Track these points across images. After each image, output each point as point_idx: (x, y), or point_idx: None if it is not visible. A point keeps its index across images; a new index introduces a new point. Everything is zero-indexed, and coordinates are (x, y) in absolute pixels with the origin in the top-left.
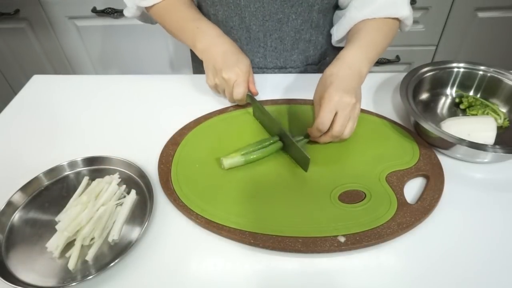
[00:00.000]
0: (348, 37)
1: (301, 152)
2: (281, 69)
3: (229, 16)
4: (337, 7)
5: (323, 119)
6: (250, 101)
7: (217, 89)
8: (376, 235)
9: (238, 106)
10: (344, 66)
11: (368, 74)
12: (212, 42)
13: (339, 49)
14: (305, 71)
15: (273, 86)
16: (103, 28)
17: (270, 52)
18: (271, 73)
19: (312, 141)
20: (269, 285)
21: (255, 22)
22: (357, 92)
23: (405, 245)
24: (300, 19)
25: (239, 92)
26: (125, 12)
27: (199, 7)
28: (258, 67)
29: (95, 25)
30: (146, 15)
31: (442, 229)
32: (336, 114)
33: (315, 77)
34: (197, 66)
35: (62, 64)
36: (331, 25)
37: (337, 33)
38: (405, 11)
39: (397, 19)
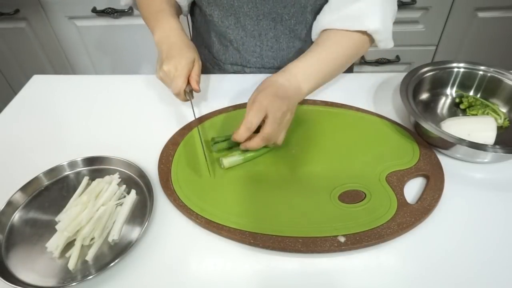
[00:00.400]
0: (309, 47)
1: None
2: (279, 69)
3: (224, 16)
4: None
5: (252, 118)
6: (189, 98)
7: (164, 82)
8: (376, 235)
9: (237, 106)
10: (285, 77)
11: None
12: (164, 35)
13: None
14: None
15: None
16: (103, 28)
17: (267, 51)
18: (268, 73)
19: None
20: (269, 285)
21: (249, 22)
22: (290, 103)
23: (405, 245)
24: (293, 20)
25: (175, 87)
26: (121, 3)
27: (197, 8)
28: (255, 67)
29: (95, 25)
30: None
31: (442, 229)
32: (266, 116)
33: None
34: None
35: (62, 64)
36: None
37: (312, 35)
38: (373, 24)
39: (365, 32)
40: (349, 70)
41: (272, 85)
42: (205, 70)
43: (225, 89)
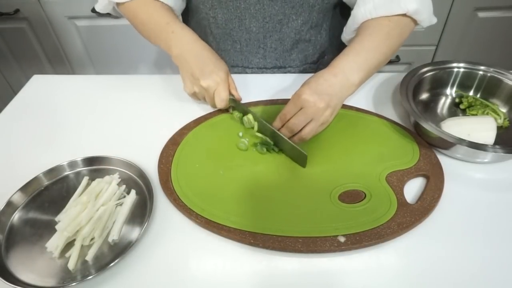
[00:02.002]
0: (351, 40)
1: (296, 150)
2: (280, 68)
3: (228, 18)
4: (335, 6)
5: (285, 111)
6: (233, 104)
7: (197, 97)
8: (376, 235)
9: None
10: (331, 72)
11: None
12: (187, 48)
13: (338, 47)
14: (304, 70)
15: (272, 87)
16: (103, 28)
17: (270, 53)
18: (270, 73)
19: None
20: (269, 285)
21: (255, 24)
22: (332, 100)
23: (405, 245)
24: (300, 20)
25: (222, 100)
26: (96, 7)
27: (197, 10)
28: (257, 67)
29: (95, 25)
30: (117, 11)
31: (442, 229)
32: (300, 110)
33: None
34: None
35: (62, 64)
36: (330, 24)
37: (345, 33)
38: (411, 5)
39: (405, 14)
40: None
41: (316, 80)
42: None
43: None
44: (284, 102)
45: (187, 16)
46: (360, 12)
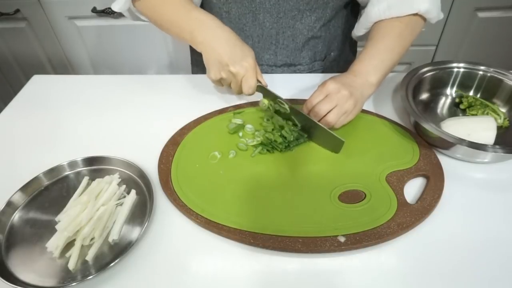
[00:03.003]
0: (365, 43)
1: (332, 137)
2: (290, 66)
3: (242, 13)
4: (347, 4)
5: (311, 98)
6: (261, 91)
7: (222, 83)
8: (376, 235)
9: (237, 106)
10: (351, 75)
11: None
12: (213, 34)
13: (343, 43)
14: (312, 67)
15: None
16: (103, 28)
17: (281, 49)
18: (280, 70)
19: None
20: (269, 285)
21: (269, 19)
22: (355, 92)
23: (405, 245)
24: (314, 16)
25: (250, 86)
26: (113, 6)
27: (210, 5)
28: (267, 65)
29: (95, 25)
30: (132, 12)
31: (442, 229)
32: (325, 97)
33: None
34: (197, 71)
35: (62, 64)
36: (341, 21)
37: (356, 30)
38: (423, 5)
39: (416, 14)
40: None
41: (339, 77)
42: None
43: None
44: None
45: None
46: (374, 11)
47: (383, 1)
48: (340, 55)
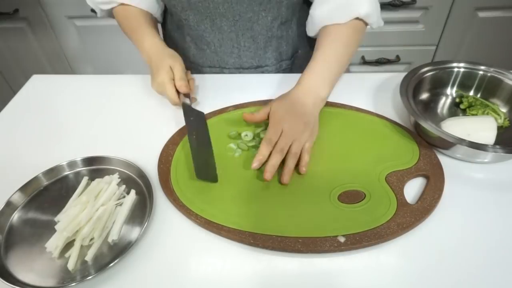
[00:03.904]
0: (314, 51)
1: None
2: (257, 68)
3: (200, 19)
4: (304, 2)
5: (269, 136)
6: (188, 102)
7: (162, 95)
8: (376, 235)
9: (237, 106)
10: (302, 91)
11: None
12: (146, 53)
13: (309, 40)
14: (280, 67)
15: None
16: (103, 28)
17: (244, 51)
18: (247, 73)
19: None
20: (269, 285)
21: (226, 23)
22: (309, 119)
23: (405, 245)
24: (270, 16)
25: (169, 98)
26: (98, 14)
27: (171, 13)
28: (234, 67)
29: (95, 25)
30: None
31: (442, 229)
32: (282, 131)
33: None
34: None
35: (62, 64)
36: (300, 19)
37: (307, 31)
38: (362, 9)
39: (357, 18)
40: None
41: (290, 101)
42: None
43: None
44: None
45: (166, 21)
46: (316, 15)
47: (324, 5)
48: (308, 52)
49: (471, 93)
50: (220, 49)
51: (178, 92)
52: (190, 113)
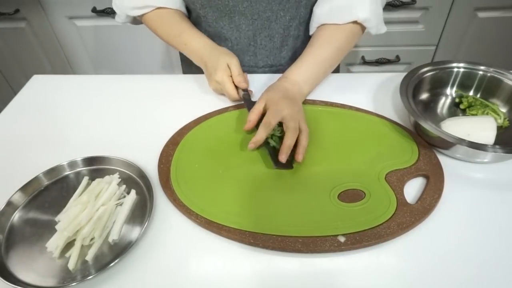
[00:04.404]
0: (306, 47)
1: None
2: (272, 67)
3: (219, 17)
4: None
5: (270, 119)
6: (247, 97)
7: (220, 93)
8: (376, 235)
9: (237, 106)
10: (288, 82)
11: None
12: (197, 55)
13: None
14: None
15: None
16: (103, 28)
17: (260, 50)
18: (261, 72)
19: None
20: (269, 285)
21: (244, 21)
22: (299, 103)
23: (405, 245)
24: (288, 16)
25: (228, 95)
26: (116, 18)
27: (190, 10)
28: (249, 66)
29: (95, 25)
30: (138, 20)
31: (442, 229)
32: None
33: None
34: (187, 66)
35: (62, 64)
36: None
37: (310, 30)
38: (362, 13)
39: (355, 22)
40: (336, 70)
41: (282, 89)
42: (200, 70)
43: None
44: None
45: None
46: (317, 12)
47: (327, 4)
48: None
49: (471, 93)
50: (237, 47)
51: (236, 87)
52: (251, 105)
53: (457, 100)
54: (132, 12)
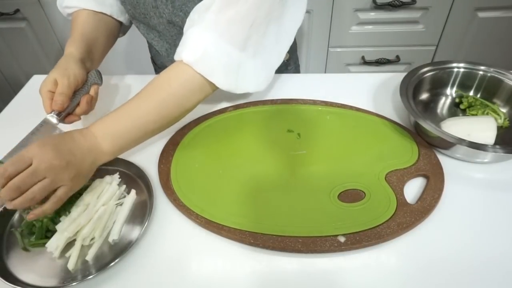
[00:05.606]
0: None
1: None
2: None
3: (148, 29)
4: None
5: (7, 165)
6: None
7: None
8: (376, 235)
9: (237, 106)
10: (82, 133)
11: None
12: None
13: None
14: None
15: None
16: None
17: None
18: None
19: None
20: (269, 285)
21: (167, 32)
22: (73, 162)
23: (405, 245)
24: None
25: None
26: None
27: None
28: None
29: None
30: (126, 27)
31: (442, 229)
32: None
33: (314, 77)
34: (156, 68)
35: None
36: None
37: None
38: (187, 52)
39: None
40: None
41: (59, 136)
42: None
43: None
44: (284, 102)
45: None
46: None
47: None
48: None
49: (471, 93)
50: (168, 58)
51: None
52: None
53: (457, 100)
54: (62, 11)
